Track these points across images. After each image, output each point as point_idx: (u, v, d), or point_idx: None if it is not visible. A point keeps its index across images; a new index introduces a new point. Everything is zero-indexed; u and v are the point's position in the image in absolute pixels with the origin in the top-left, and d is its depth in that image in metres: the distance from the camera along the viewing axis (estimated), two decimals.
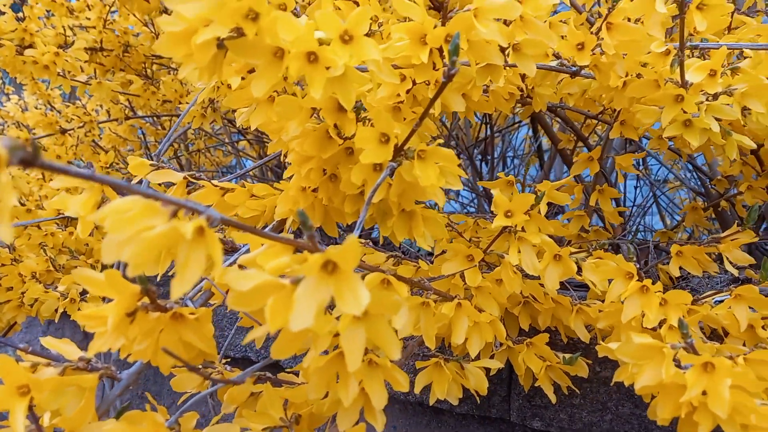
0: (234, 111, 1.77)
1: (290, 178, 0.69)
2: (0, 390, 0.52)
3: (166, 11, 1.98)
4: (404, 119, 0.73)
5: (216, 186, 0.77)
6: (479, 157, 2.44)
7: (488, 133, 2.19)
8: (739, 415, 0.53)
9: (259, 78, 0.50)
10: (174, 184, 0.79)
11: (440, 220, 0.67)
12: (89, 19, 1.90)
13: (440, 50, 0.63)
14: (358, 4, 0.75)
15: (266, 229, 0.77)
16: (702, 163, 1.84)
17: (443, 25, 0.62)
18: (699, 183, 1.95)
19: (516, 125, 2.45)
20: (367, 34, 0.54)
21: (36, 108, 2.50)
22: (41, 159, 0.30)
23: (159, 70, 2.17)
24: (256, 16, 0.47)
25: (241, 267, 0.56)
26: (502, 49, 0.67)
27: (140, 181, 0.80)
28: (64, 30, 1.80)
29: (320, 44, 0.52)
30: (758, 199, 1.19)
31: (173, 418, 0.63)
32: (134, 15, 1.91)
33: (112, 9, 1.91)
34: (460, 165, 0.59)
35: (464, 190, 2.72)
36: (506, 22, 0.67)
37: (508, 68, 0.80)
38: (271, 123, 0.72)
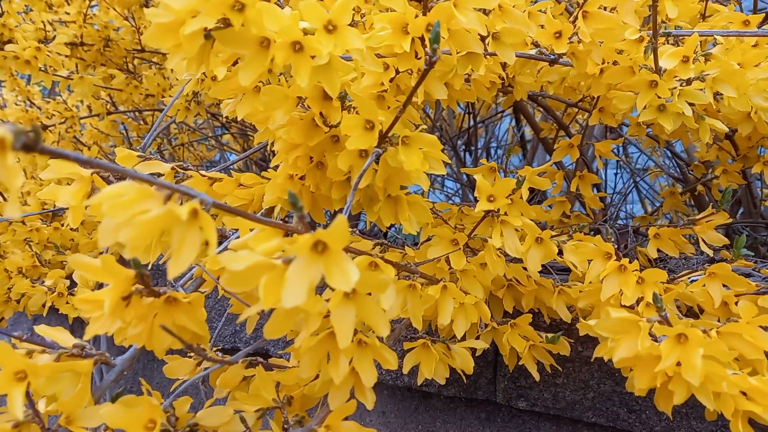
0: (218, 104, 1.77)
1: (277, 166, 0.71)
2: None
3: (146, 5, 1.97)
4: (388, 108, 0.75)
5: (204, 176, 0.78)
6: (463, 147, 2.46)
7: (471, 123, 2.21)
8: (712, 383, 0.56)
9: (246, 67, 0.51)
10: (162, 175, 0.80)
11: (425, 204, 0.69)
12: (69, 13, 1.88)
13: (422, 39, 0.64)
14: None
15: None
16: (681, 150, 1.89)
17: (424, 15, 0.63)
18: (678, 169, 2.00)
19: (499, 115, 2.48)
20: (350, 25, 0.56)
21: (15, 105, 2.47)
22: (42, 144, 0.31)
23: (141, 64, 2.16)
24: (242, 7, 0.49)
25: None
26: (483, 39, 0.69)
27: None
28: (44, 25, 1.78)
29: (305, 34, 0.54)
30: (733, 182, 1.23)
31: (167, 401, 0.64)
32: (114, 9, 1.90)
33: (92, 3, 1.90)
34: (443, 150, 0.61)
35: (449, 180, 2.74)
36: (485, 12, 0.69)
37: (488, 57, 0.82)
38: (257, 113, 0.73)
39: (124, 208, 0.38)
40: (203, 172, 0.80)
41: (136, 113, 2.25)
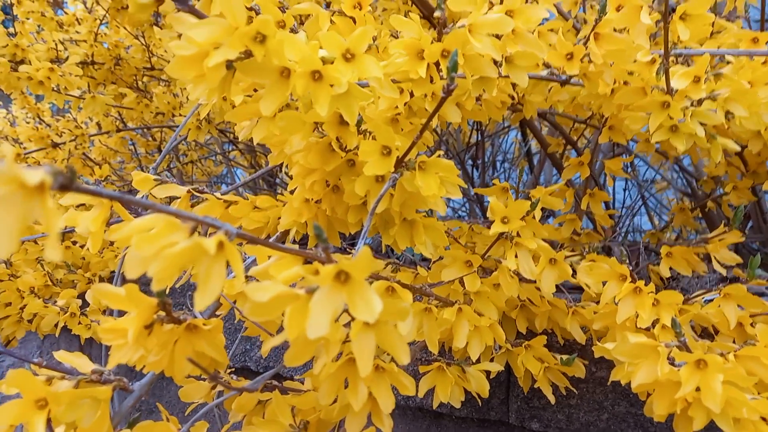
0: (227, 122, 1.78)
1: (293, 190, 0.71)
2: (19, 403, 0.53)
3: (156, 23, 1.99)
4: (402, 130, 0.76)
5: (220, 199, 0.79)
6: (470, 161, 2.46)
7: (479, 138, 2.22)
8: (732, 408, 0.56)
9: (267, 97, 0.52)
10: (178, 198, 0.80)
11: (440, 227, 0.69)
12: (79, 32, 1.91)
13: (437, 64, 0.65)
14: (354, 20, 0.77)
15: (270, 240, 0.79)
16: (688, 164, 1.89)
17: (438, 40, 0.64)
18: (686, 184, 2.00)
19: (505, 130, 2.49)
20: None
21: (25, 122, 2.50)
22: (77, 183, 0.32)
23: (150, 81, 2.18)
24: (263, 38, 0.49)
25: (249, 278, 0.58)
26: (495, 61, 0.70)
27: (145, 196, 0.81)
28: (55, 44, 1.81)
29: (323, 63, 0.55)
30: (743, 198, 1.22)
31: (185, 427, 0.64)
32: (125, 28, 1.93)
33: (103, 21, 1.92)
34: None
35: None
36: (498, 36, 0.70)
37: (500, 78, 0.83)
38: (272, 137, 0.74)
39: (152, 241, 0.39)
40: (218, 195, 0.80)
41: (145, 130, 2.27)
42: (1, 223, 0.28)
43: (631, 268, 0.70)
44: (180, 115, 1.82)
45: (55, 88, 1.56)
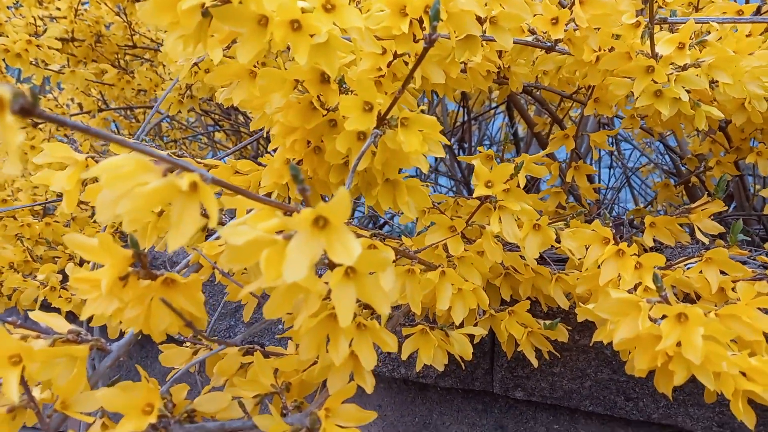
0: (210, 100, 1.76)
1: (274, 151, 0.70)
2: None
3: (138, 0, 1.96)
4: (385, 93, 0.75)
5: (200, 163, 0.78)
6: (456, 144, 2.46)
7: (464, 119, 2.21)
8: (711, 363, 0.56)
9: (244, 45, 0.51)
10: None
11: (423, 189, 0.68)
12: (59, 9, 1.87)
13: (420, 21, 0.64)
14: None
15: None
16: (673, 145, 1.89)
17: None
18: (671, 164, 2.01)
19: (492, 111, 2.48)
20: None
21: None
22: (39, 108, 0.31)
23: (132, 60, 2.14)
24: None
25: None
26: (480, 23, 0.69)
27: None
28: (35, 20, 1.77)
29: (303, 12, 0.53)
30: (726, 173, 1.23)
31: (164, 387, 0.63)
32: (106, 4, 1.89)
33: None
34: (441, 131, 0.61)
35: (442, 177, 2.75)
36: None
37: (485, 45, 0.82)
38: (253, 99, 0.73)
39: (123, 179, 0.38)
40: (199, 160, 0.79)
41: (128, 111, 2.24)
42: None
43: (627, 241, 0.70)
44: (162, 91, 1.79)
45: (34, 62, 1.53)
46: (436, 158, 2.62)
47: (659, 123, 1.10)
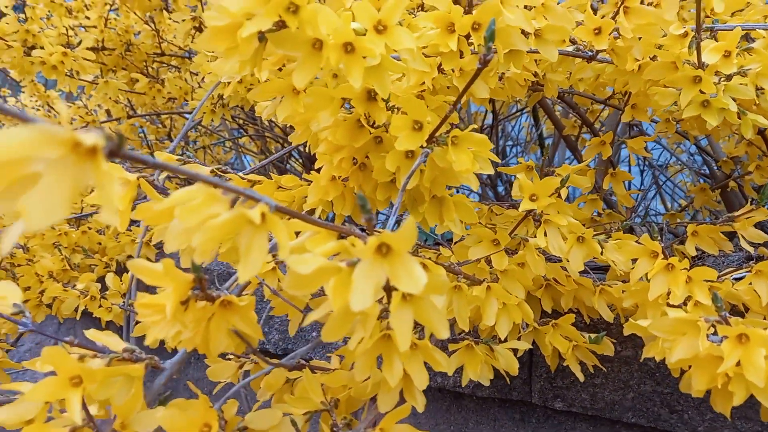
0: (237, 107, 1.77)
1: (320, 168, 0.70)
2: (54, 381, 0.53)
3: (167, 8, 1.98)
4: (427, 107, 0.75)
5: (243, 179, 0.78)
6: None
7: (491, 121, 2.20)
8: None
9: (300, 69, 0.51)
10: None
11: (469, 204, 0.68)
12: (89, 18, 1.90)
13: (467, 37, 0.64)
14: None
15: None
16: (705, 145, 1.86)
17: (468, 12, 0.63)
18: (702, 165, 1.98)
19: (516, 114, 2.47)
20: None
21: (35, 110, 2.49)
22: (125, 149, 0.31)
23: (160, 68, 2.17)
24: (296, 8, 0.48)
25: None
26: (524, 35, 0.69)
27: (167, 177, 0.81)
28: (66, 30, 1.80)
29: (355, 34, 0.53)
30: (766, 177, 1.21)
31: (216, 405, 0.64)
32: (135, 13, 1.91)
33: (113, 7, 1.91)
34: (492, 150, 0.61)
35: None
36: (528, 9, 0.68)
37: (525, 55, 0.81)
38: (297, 115, 0.73)
39: (194, 212, 0.38)
40: (242, 175, 0.79)
41: (155, 117, 2.27)
42: (55, 188, 0.27)
43: (668, 251, 0.69)
44: (193, 99, 1.81)
45: (69, 73, 1.55)
46: None
47: (696, 127, 1.08)
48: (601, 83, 1.16)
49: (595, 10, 1.41)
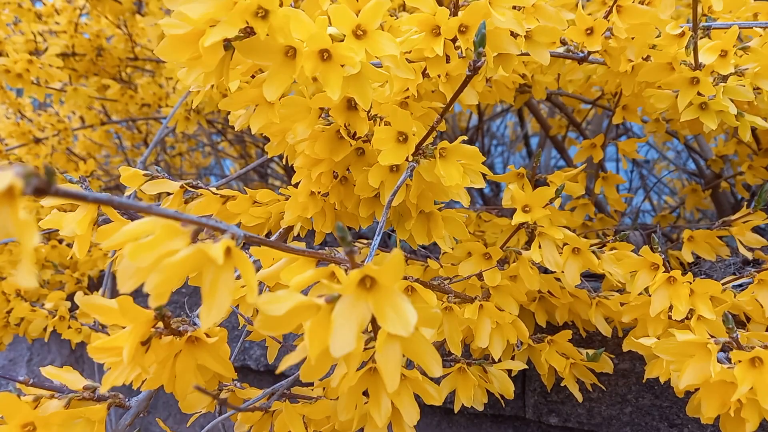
0: (215, 111, 1.71)
1: (297, 183, 0.65)
2: (4, 430, 0.48)
3: (139, 12, 1.91)
4: (411, 114, 0.70)
5: (216, 194, 0.73)
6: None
7: (477, 122, 2.16)
8: None
9: (271, 80, 0.46)
10: (171, 194, 0.74)
11: (459, 219, 0.64)
12: (59, 23, 1.82)
13: (453, 40, 0.59)
14: None
15: (272, 237, 0.73)
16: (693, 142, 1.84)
17: (455, 14, 0.58)
18: (687, 159, 1.95)
19: (503, 112, 2.43)
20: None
21: (6, 117, 2.40)
22: (55, 186, 0.26)
23: (134, 72, 2.10)
24: (265, 13, 0.44)
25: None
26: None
27: (133, 194, 0.75)
28: (34, 36, 1.72)
29: (333, 40, 0.49)
30: (759, 178, 1.18)
31: None
32: (106, 17, 1.84)
33: (83, 11, 1.84)
34: (484, 162, 0.56)
35: None
36: (518, 10, 0.64)
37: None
38: (272, 125, 0.68)
39: (148, 249, 0.33)
40: (214, 190, 0.74)
41: (130, 122, 2.19)
42: None
43: (664, 257, 0.65)
44: (167, 105, 1.75)
45: (35, 81, 1.48)
46: None
47: (688, 127, 1.05)
48: (590, 83, 1.12)
49: (582, 6, 1.37)
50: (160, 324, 0.47)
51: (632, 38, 0.75)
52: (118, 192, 2.50)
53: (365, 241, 0.97)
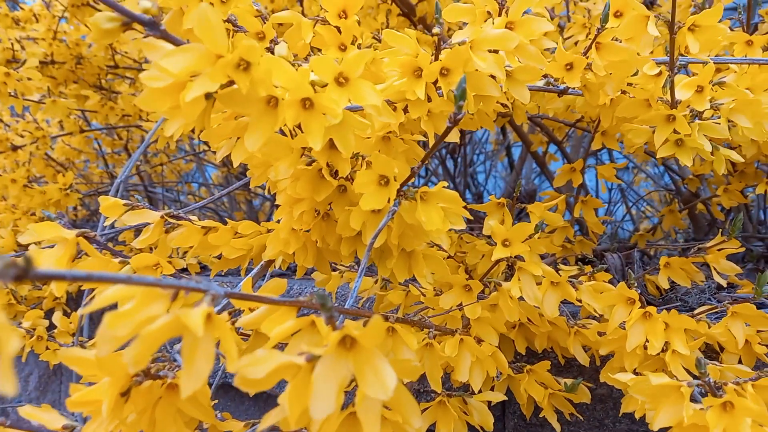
0: None
1: (279, 220, 0.66)
2: None
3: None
4: (394, 149, 0.70)
5: (196, 225, 0.73)
6: (448, 154, 2.42)
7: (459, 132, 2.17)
8: None
9: (252, 131, 0.46)
10: (150, 224, 0.74)
11: (440, 256, 0.64)
12: (37, 30, 1.80)
13: (434, 82, 0.60)
14: (339, 30, 0.71)
15: (254, 270, 0.73)
16: (671, 162, 1.87)
17: (436, 58, 0.59)
18: (665, 176, 1.99)
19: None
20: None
21: None
22: (35, 269, 0.26)
23: (114, 80, 2.08)
24: (247, 65, 0.44)
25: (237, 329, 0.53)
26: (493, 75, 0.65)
27: (112, 224, 0.75)
28: (12, 44, 1.70)
29: (314, 87, 0.49)
30: (734, 200, 1.21)
31: None
32: (86, 26, 1.82)
33: (62, 17, 1.81)
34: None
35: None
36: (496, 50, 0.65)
37: None
38: (254, 158, 0.68)
39: (126, 318, 0.33)
40: (196, 221, 0.74)
41: (111, 128, 2.17)
42: None
43: (624, 274, 0.67)
44: (148, 119, 1.73)
45: (13, 93, 1.46)
46: (427, 171, 2.59)
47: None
48: (570, 109, 1.14)
49: (561, 29, 1.38)
50: (141, 373, 0.47)
51: (610, 74, 0.76)
52: (96, 199, 2.47)
53: (346, 266, 0.97)
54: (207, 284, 0.38)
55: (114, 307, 0.36)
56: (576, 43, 1.14)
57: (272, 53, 0.67)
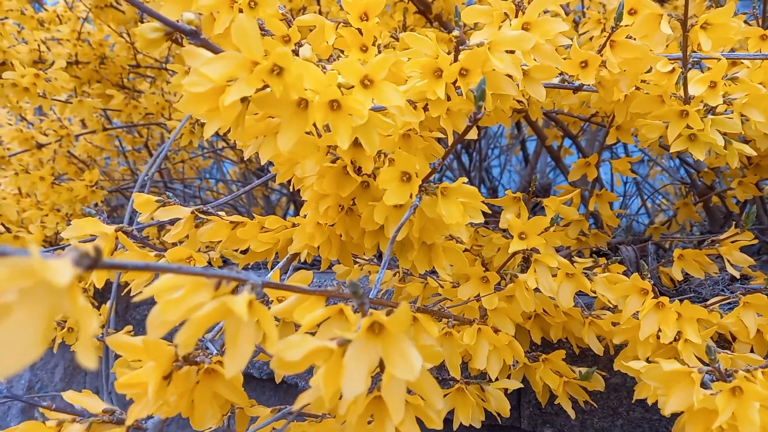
0: None
1: (306, 215, 0.69)
2: None
3: (142, 21, 1.93)
4: (414, 146, 0.73)
5: (225, 220, 0.76)
6: (463, 150, 2.44)
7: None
8: None
9: (285, 131, 0.49)
10: (182, 219, 0.78)
11: (459, 249, 0.67)
12: (61, 31, 1.85)
13: (453, 82, 0.62)
14: (360, 32, 0.74)
15: (281, 262, 0.76)
16: (686, 155, 1.88)
17: (456, 59, 0.62)
18: (680, 170, 1.99)
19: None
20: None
21: (7, 122, 2.42)
22: (103, 260, 0.29)
23: (136, 78, 2.12)
24: (280, 70, 0.47)
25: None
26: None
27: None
28: (38, 45, 1.75)
29: (340, 88, 0.52)
30: (749, 193, 1.22)
31: None
32: (109, 26, 1.87)
33: (86, 19, 1.86)
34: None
35: (447, 180, 2.72)
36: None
37: None
38: (280, 155, 0.71)
39: (177, 306, 0.36)
40: (224, 216, 0.77)
41: (131, 126, 2.22)
42: (25, 325, 0.25)
43: (638, 266, 0.69)
44: (171, 118, 1.77)
45: (41, 94, 1.50)
46: (442, 166, 2.61)
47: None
48: (585, 103, 1.15)
49: (576, 24, 1.40)
50: (183, 358, 0.50)
51: (624, 70, 0.78)
52: (119, 195, 2.53)
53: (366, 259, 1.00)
54: (246, 274, 0.41)
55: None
56: (591, 39, 1.15)
57: (297, 55, 0.70)
